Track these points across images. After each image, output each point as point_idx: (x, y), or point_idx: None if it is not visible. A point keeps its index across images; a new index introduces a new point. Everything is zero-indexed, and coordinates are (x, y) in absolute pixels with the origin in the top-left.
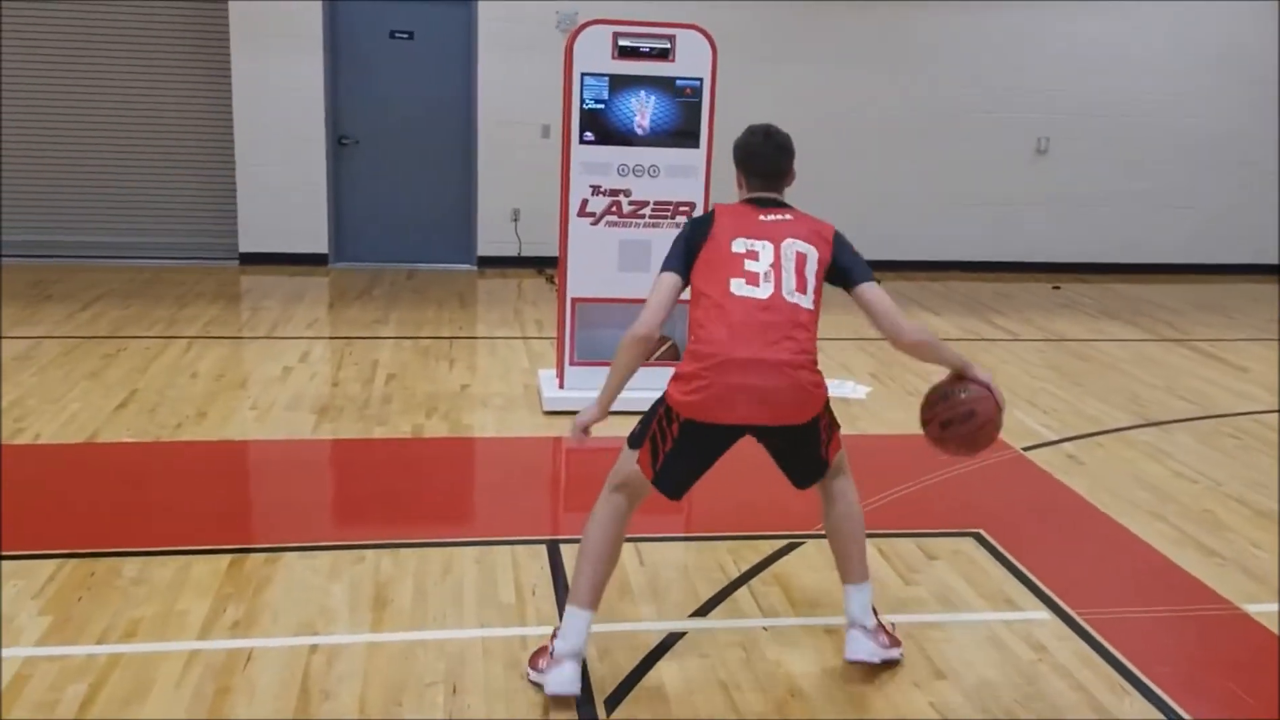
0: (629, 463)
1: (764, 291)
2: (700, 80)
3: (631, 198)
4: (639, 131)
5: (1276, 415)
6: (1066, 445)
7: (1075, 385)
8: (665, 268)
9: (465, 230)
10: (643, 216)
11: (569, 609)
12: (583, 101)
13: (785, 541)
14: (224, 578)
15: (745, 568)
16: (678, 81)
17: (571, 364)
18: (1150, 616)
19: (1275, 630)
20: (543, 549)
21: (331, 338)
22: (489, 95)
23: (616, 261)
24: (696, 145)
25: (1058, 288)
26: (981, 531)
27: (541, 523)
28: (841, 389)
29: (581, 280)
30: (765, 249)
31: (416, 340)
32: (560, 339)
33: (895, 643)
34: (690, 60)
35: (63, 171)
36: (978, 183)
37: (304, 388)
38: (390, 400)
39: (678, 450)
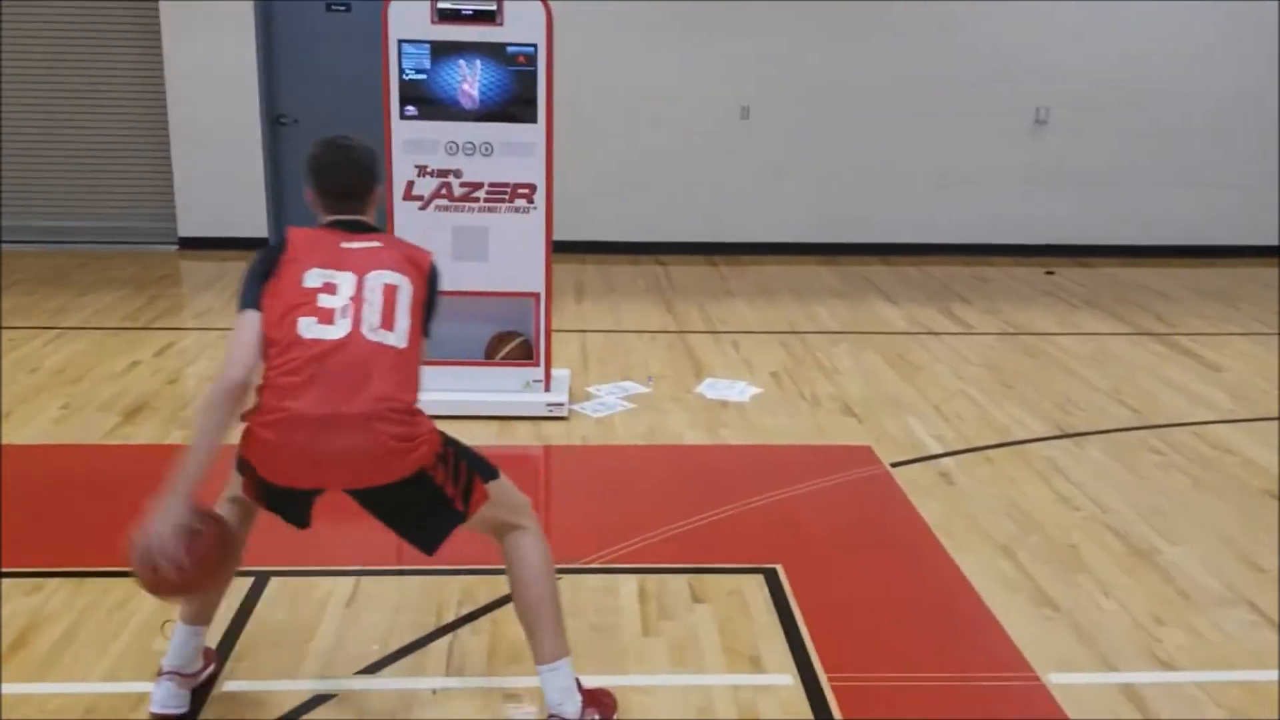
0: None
1: (339, 330)
2: (534, 46)
3: (463, 179)
4: (467, 105)
5: (1225, 426)
6: (947, 461)
7: (1003, 388)
8: (242, 305)
9: None
10: (477, 200)
11: (177, 624)
12: (402, 72)
13: None
14: None
15: (468, 609)
16: (508, 48)
17: None
18: (916, 685)
19: (1068, 712)
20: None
21: (212, 329)
22: None
23: (450, 249)
24: (534, 120)
25: (1051, 273)
26: (778, 568)
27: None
28: (725, 390)
29: None
30: (346, 281)
31: None
32: None
33: (608, 711)
34: (521, 24)
35: None
36: (968, 159)
37: (136, 385)
38: None
39: (262, 493)
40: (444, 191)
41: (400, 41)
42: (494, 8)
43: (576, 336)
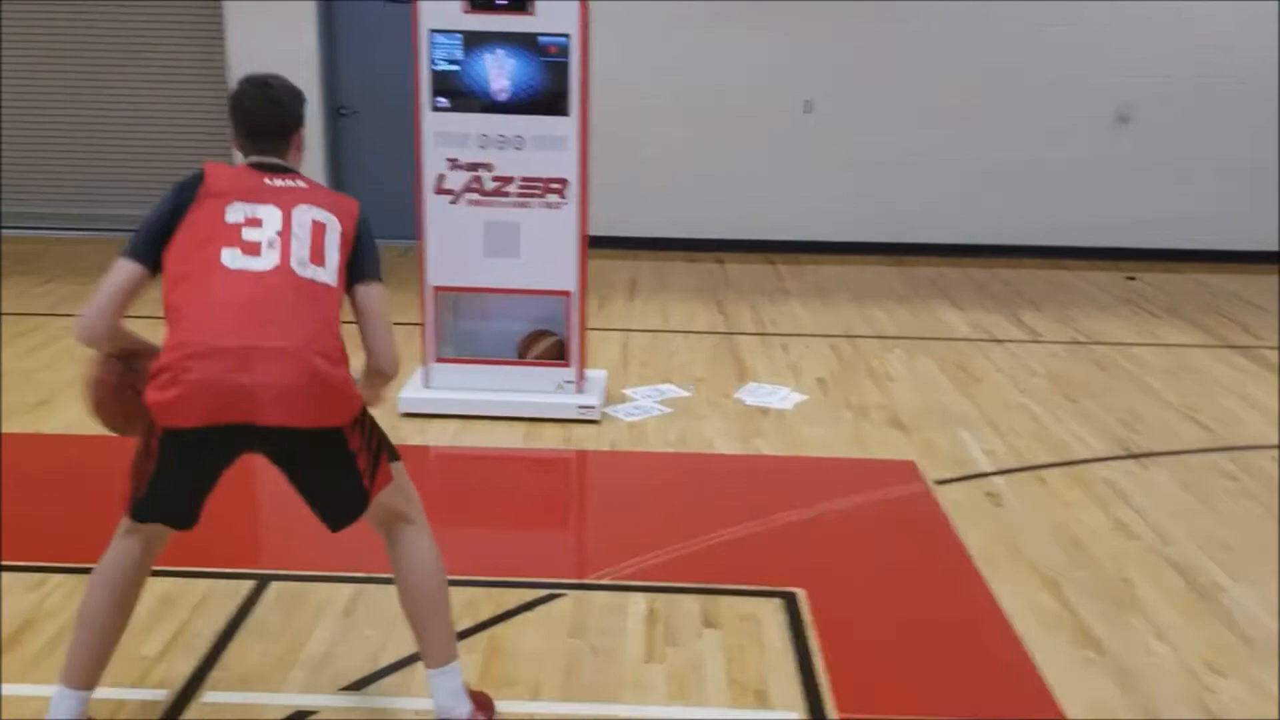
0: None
1: (266, 262)
2: (566, 37)
3: (495, 173)
4: (500, 97)
5: None
6: (996, 480)
7: (1067, 402)
8: (125, 251)
9: None
10: (509, 195)
11: (57, 689)
12: (433, 62)
13: (545, 592)
14: None
15: (467, 624)
16: (540, 38)
17: (436, 360)
18: None
19: None
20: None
21: None
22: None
23: (481, 245)
24: (567, 113)
25: (1132, 278)
26: (799, 593)
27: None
28: (766, 396)
29: (443, 266)
30: (271, 214)
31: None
32: (423, 332)
33: (490, 712)
34: (553, 13)
35: (63, 145)
36: (1045, 155)
37: None
38: None
39: (161, 469)
40: (475, 185)
41: (432, 31)
42: None
43: (620, 336)
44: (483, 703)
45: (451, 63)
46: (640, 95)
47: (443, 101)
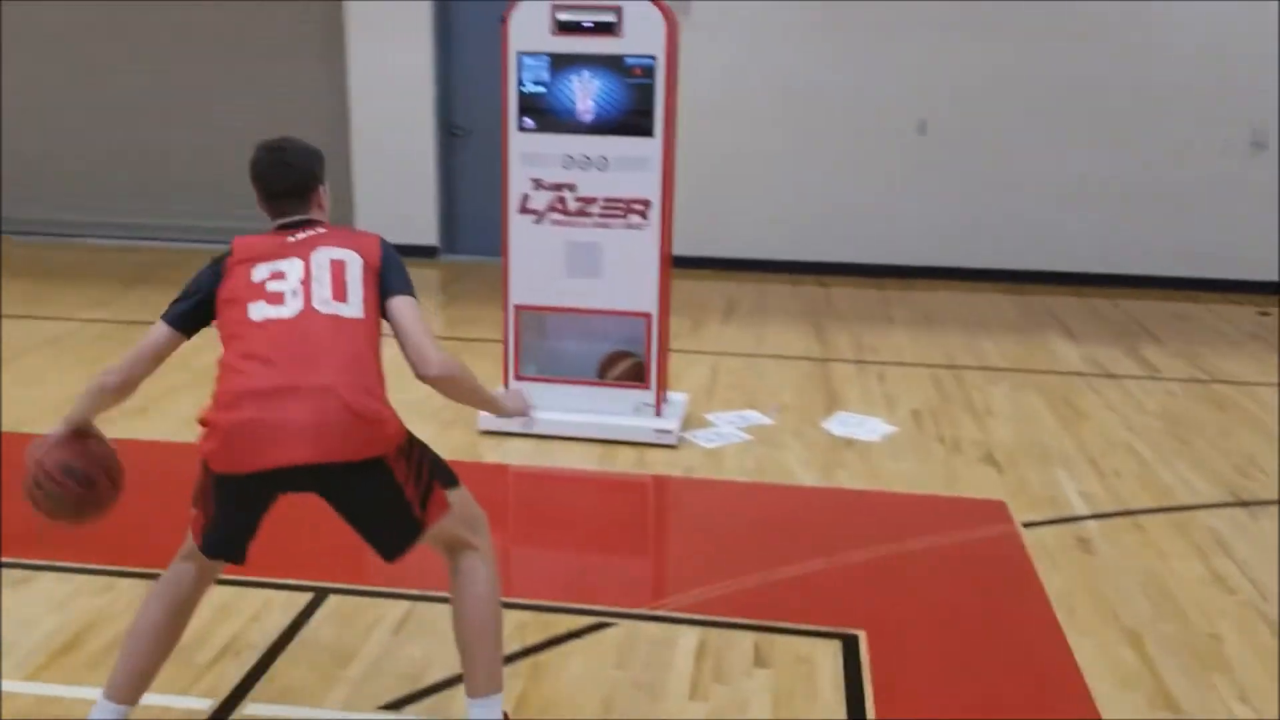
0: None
1: (291, 309)
2: (653, 58)
3: (578, 193)
4: (585, 118)
5: None
6: (1090, 524)
7: (1178, 443)
8: (163, 315)
9: None
10: (591, 215)
11: (99, 699)
12: (520, 84)
13: (596, 620)
14: None
15: (515, 647)
16: (626, 60)
17: (516, 378)
18: None
19: None
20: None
21: None
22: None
23: (563, 266)
24: (651, 134)
25: (1266, 314)
26: (860, 635)
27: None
28: (855, 427)
29: (525, 285)
30: (293, 266)
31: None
32: (505, 350)
33: None
34: (640, 35)
35: (184, 156)
36: (1176, 180)
37: None
38: None
39: (219, 510)
40: (558, 205)
41: (520, 53)
42: (614, 19)
43: (711, 359)
44: None
45: (538, 84)
46: (745, 113)
47: (529, 122)
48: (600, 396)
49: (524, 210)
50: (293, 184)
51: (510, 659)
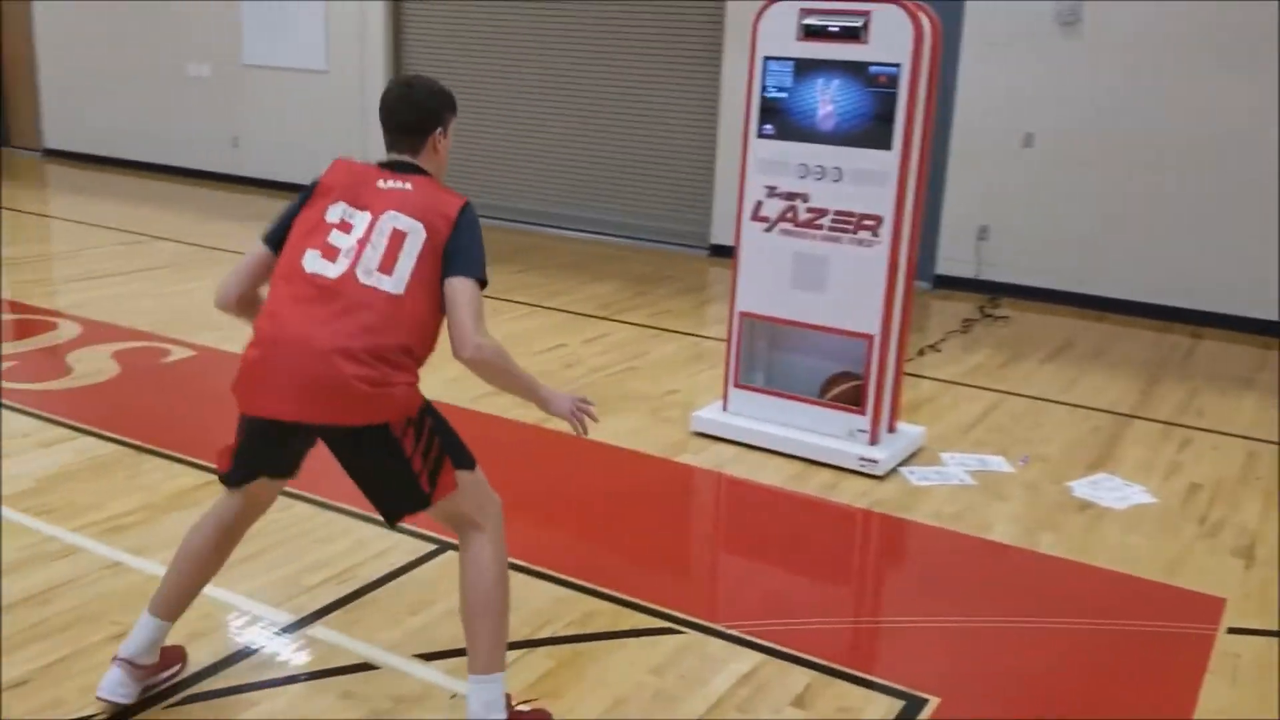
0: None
1: (336, 269)
2: (897, 67)
3: (809, 204)
4: (824, 127)
5: None
6: None
7: None
8: (260, 234)
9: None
10: (821, 227)
11: (144, 613)
12: (764, 89)
13: (663, 624)
14: None
15: (571, 631)
16: (871, 68)
17: (735, 386)
18: None
19: None
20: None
21: (656, 329)
22: (967, 96)
23: (790, 276)
24: (889, 147)
25: None
26: (932, 701)
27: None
28: (1106, 491)
29: (751, 293)
30: (361, 221)
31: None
32: (727, 356)
33: None
34: (886, 42)
35: (564, 148)
36: None
37: (539, 364)
38: (593, 386)
39: (241, 441)
40: (789, 215)
41: (766, 58)
42: (860, 24)
43: (994, 397)
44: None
45: (781, 90)
46: (1128, 141)
47: (768, 128)
48: (814, 415)
49: (756, 217)
50: (413, 122)
51: (556, 641)
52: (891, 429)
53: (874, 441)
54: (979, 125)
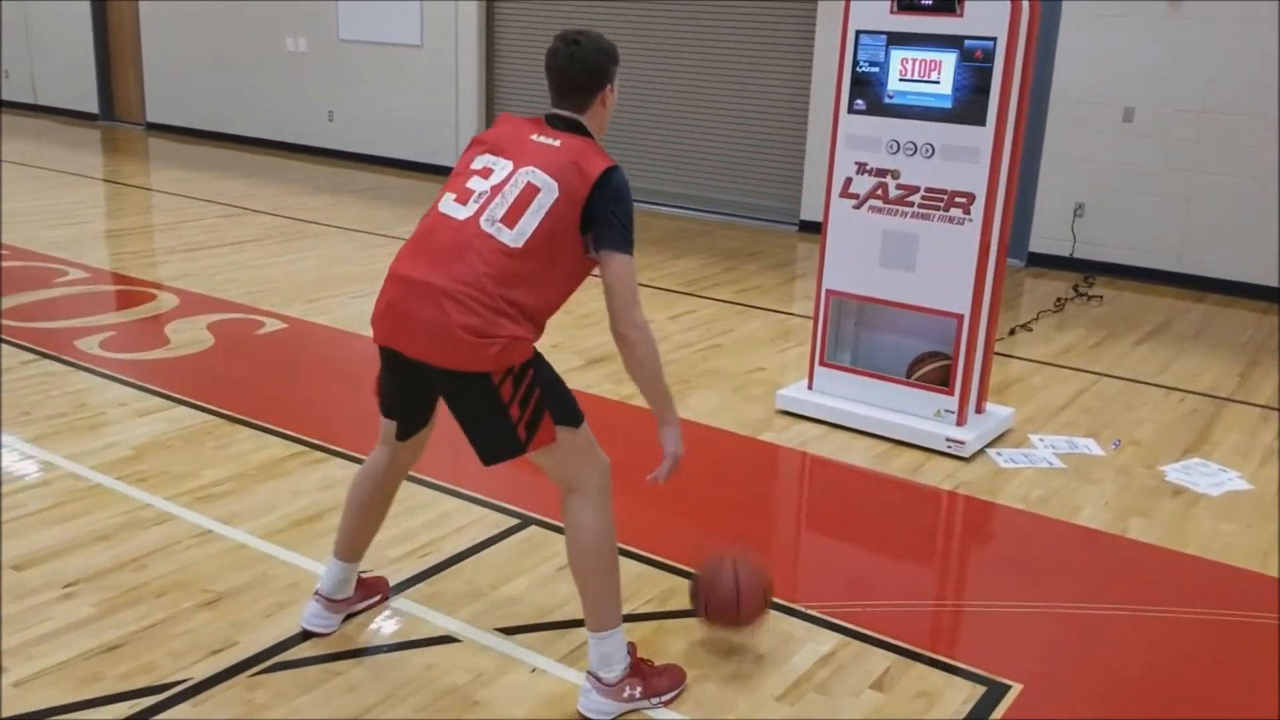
0: None
1: (465, 212)
2: (993, 41)
3: (900, 180)
4: (915, 102)
5: None
6: None
7: None
8: None
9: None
10: (911, 205)
11: (332, 556)
12: (856, 64)
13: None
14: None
15: (651, 608)
16: (966, 42)
17: (821, 364)
18: None
19: None
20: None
21: (734, 304)
22: (1065, 70)
23: (878, 254)
24: (983, 123)
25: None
26: (1014, 687)
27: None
28: (1201, 476)
29: (839, 271)
30: (502, 168)
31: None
32: (813, 334)
33: (652, 690)
34: (983, 15)
35: (655, 122)
36: None
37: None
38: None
39: (382, 373)
40: (879, 192)
41: (858, 32)
42: None
43: (1086, 379)
44: (652, 675)
45: (873, 64)
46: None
47: (859, 104)
48: (901, 395)
49: (845, 194)
50: (583, 81)
51: (639, 618)
52: (979, 410)
53: (961, 422)
54: (1078, 98)
